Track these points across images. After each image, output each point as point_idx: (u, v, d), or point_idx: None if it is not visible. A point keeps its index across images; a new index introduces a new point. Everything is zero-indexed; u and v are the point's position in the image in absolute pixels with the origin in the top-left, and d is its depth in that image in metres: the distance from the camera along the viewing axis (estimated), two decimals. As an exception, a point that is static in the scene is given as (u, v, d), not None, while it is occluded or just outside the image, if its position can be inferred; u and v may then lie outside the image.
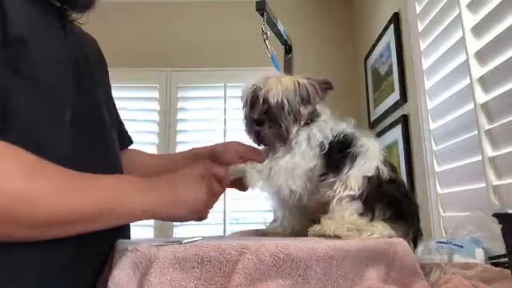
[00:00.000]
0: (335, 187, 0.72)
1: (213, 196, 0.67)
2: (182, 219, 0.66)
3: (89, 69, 0.68)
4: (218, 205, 2.41)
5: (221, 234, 2.26)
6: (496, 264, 0.74)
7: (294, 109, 0.74)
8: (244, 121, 0.80)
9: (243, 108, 0.80)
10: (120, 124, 0.88)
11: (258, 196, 0.80)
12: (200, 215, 0.67)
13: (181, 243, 0.56)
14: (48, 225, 0.49)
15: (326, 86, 0.78)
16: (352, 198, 0.70)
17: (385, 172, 0.73)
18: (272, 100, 0.73)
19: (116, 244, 0.60)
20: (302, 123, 0.76)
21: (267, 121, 0.74)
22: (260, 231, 0.85)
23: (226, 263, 0.53)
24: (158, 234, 2.35)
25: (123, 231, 0.72)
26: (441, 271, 0.64)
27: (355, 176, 0.71)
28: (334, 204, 0.71)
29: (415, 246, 0.73)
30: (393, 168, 0.77)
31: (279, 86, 0.74)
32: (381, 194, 0.71)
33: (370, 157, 0.74)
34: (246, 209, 2.38)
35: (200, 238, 0.61)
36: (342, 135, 0.75)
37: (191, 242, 0.58)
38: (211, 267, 0.53)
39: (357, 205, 0.70)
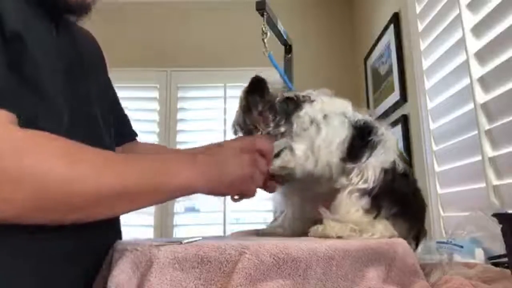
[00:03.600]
0: (351, 176, 0.70)
1: (258, 172, 0.66)
2: (222, 194, 0.66)
3: (83, 68, 0.66)
4: (218, 205, 2.39)
5: (221, 234, 2.26)
6: (496, 264, 0.74)
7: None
8: None
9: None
10: (124, 118, 0.88)
11: (258, 196, 0.79)
12: (244, 192, 0.67)
13: (181, 243, 0.56)
14: (96, 205, 0.50)
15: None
16: (364, 192, 0.68)
17: (400, 166, 0.71)
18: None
19: (116, 244, 0.60)
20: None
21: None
22: (260, 231, 0.85)
23: (226, 263, 0.53)
24: (158, 234, 2.35)
25: (114, 229, 0.71)
26: (442, 272, 0.64)
27: (373, 166, 0.69)
28: (344, 196, 0.69)
29: (417, 244, 0.73)
30: (407, 162, 0.75)
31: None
32: (392, 190, 0.69)
33: (389, 148, 0.72)
34: (246, 209, 2.38)
35: (200, 238, 0.61)
36: (363, 121, 0.74)
37: (191, 242, 0.58)
38: (211, 267, 0.53)
39: (365, 201, 0.68)
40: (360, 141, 0.71)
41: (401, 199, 0.70)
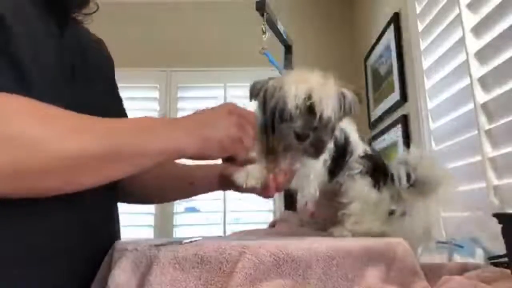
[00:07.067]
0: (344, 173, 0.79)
1: (244, 133, 0.62)
2: (212, 157, 0.62)
3: (85, 72, 0.66)
4: (218, 205, 2.38)
5: (221, 234, 2.26)
6: (496, 264, 0.74)
7: (335, 123, 0.70)
8: (272, 127, 0.69)
9: (272, 113, 0.68)
10: None
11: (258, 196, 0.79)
12: (232, 153, 0.63)
13: (181, 243, 0.56)
14: (64, 170, 0.46)
15: (359, 98, 0.73)
16: (361, 172, 0.78)
17: (368, 149, 0.83)
18: (326, 114, 0.66)
19: (116, 244, 0.60)
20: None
21: (312, 136, 0.66)
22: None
23: (226, 263, 0.53)
24: (158, 234, 2.35)
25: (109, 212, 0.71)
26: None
27: (356, 159, 0.80)
28: (349, 182, 0.78)
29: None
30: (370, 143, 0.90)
31: (330, 99, 0.67)
32: (374, 167, 0.80)
33: (356, 142, 0.81)
34: (246, 209, 2.38)
35: (200, 238, 0.61)
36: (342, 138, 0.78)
37: (191, 242, 0.58)
38: (211, 267, 0.53)
39: (368, 179, 0.78)
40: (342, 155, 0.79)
41: (382, 169, 0.82)
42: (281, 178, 0.70)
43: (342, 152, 0.78)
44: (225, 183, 0.76)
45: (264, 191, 0.71)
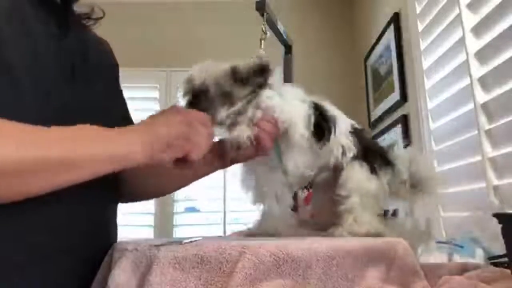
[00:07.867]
0: (334, 150, 0.78)
1: (192, 129, 0.61)
2: (163, 158, 0.59)
3: (86, 72, 0.66)
4: (218, 205, 2.37)
5: (221, 234, 2.26)
6: (496, 264, 0.74)
7: (223, 91, 0.77)
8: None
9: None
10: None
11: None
12: (182, 152, 0.60)
13: (181, 243, 0.56)
14: (12, 175, 0.45)
15: (261, 70, 0.80)
16: (356, 157, 0.77)
17: (356, 125, 0.82)
18: (195, 84, 0.78)
19: (116, 244, 0.60)
20: (240, 103, 0.76)
21: (195, 105, 0.77)
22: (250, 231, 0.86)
23: (226, 263, 0.53)
24: (158, 234, 2.35)
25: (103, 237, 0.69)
26: None
27: (345, 134, 0.78)
28: (347, 171, 0.77)
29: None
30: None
31: (202, 71, 0.81)
32: (367, 148, 0.79)
33: (340, 115, 0.80)
34: (246, 209, 2.37)
35: (200, 238, 0.61)
36: (313, 104, 0.78)
37: (191, 242, 0.58)
38: (211, 267, 0.53)
39: (365, 167, 0.77)
40: (323, 118, 0.77)
41: (377, 152, 0.80)
42: (269, 127, 0.72)
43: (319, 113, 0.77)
44: (224, 158, 0.77)
45: (258, 146, 0.71)
